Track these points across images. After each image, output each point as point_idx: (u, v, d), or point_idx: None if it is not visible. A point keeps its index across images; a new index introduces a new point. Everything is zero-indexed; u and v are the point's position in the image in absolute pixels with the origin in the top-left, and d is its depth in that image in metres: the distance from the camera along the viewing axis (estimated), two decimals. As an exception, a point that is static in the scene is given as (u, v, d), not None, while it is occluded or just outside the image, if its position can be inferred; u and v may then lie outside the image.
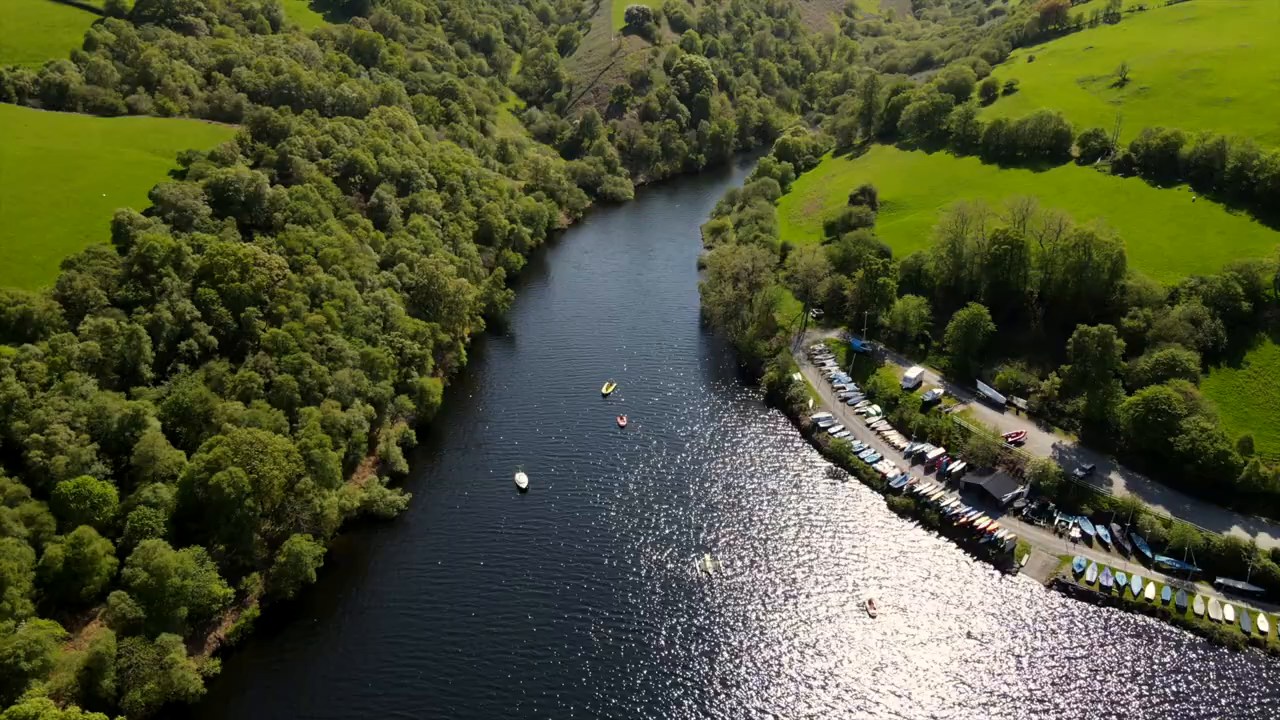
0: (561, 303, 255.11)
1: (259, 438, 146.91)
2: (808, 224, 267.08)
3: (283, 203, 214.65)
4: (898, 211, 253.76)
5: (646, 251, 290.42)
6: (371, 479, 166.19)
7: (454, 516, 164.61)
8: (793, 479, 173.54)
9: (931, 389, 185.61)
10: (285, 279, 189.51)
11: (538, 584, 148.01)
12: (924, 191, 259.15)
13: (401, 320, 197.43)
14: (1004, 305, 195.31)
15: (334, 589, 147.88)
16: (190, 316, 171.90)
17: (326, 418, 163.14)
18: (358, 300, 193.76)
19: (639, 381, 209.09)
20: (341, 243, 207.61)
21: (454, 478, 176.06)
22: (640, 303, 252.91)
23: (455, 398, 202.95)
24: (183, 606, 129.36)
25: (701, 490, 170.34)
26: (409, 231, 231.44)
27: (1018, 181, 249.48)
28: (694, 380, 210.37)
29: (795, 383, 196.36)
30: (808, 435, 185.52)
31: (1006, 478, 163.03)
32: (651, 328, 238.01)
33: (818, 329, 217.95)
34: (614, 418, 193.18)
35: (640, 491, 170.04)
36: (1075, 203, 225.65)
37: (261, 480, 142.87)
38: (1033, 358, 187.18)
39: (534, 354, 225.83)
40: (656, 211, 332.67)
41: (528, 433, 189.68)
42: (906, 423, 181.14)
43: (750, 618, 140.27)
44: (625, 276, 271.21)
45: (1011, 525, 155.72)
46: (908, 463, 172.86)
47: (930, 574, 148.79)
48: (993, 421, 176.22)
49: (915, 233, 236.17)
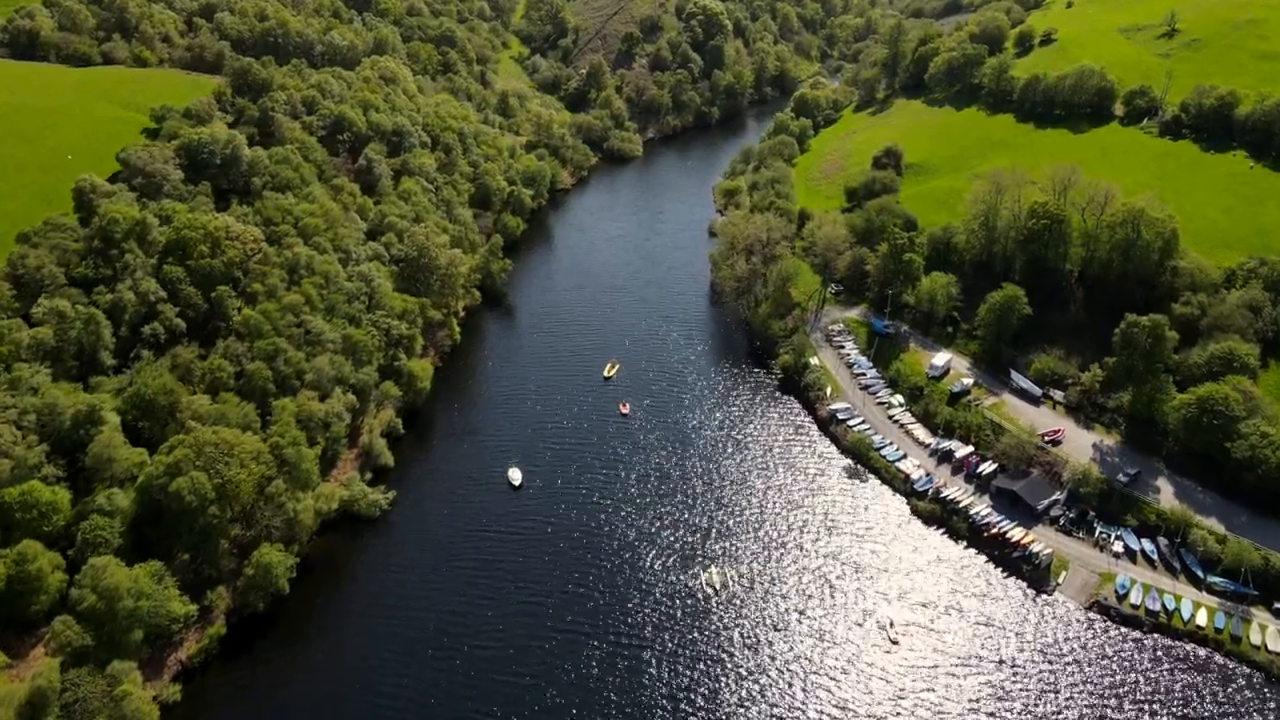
0: (563, 271, 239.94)
1: (225, 438, 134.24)
2: (827, 187, 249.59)
3: (262, 166, 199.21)
4: (924, 176, 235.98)
5: (655, 214, 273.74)
6: (353, 475, 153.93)
7: (441, 516, 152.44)
8: (808, 478, 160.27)
9: (960, 379, 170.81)
10: (261, 253, 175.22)
11: (529, 595, 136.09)
12: (953, 153, 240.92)
13: (388, 297, 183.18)
14: (1041, 285, 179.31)
15: (309, 599, 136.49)
16: (155, 297, 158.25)
17: (302, 411, 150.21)
18: (340, 276, 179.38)
19: (644, 361, 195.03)
20: (324, 212, 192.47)
21: (443, 471, 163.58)
22: (647, 272, 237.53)
23: (447, 379, 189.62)
24: (137, 630, 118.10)
25: (709, 489, 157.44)
26: (399, 197, 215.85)
27: (1055, 143, 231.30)
28: (703, 361, 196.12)
29: (812, 368, 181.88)
30: (825, 427, 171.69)
31: (1042, 482, 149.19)
32: (659, 300, 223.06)
33: (837, 306, 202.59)
34: (616, 404, 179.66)
35: (642, 490, 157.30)
36: (1119, 168, 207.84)
37: (227, 485, 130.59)
38: (1072, 344, 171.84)
39: (533, 329, 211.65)
40: (666, 169, 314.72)
41: (523, 419, 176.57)
42: (932, 416, 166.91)
43: (759, 640, 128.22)
44: (632, 242, 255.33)
45: (1047, 536, 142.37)
46: (933, 461, 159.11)
47: (957, 591, 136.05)
48: (1027, 416, 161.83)
49: (944, 200, 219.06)
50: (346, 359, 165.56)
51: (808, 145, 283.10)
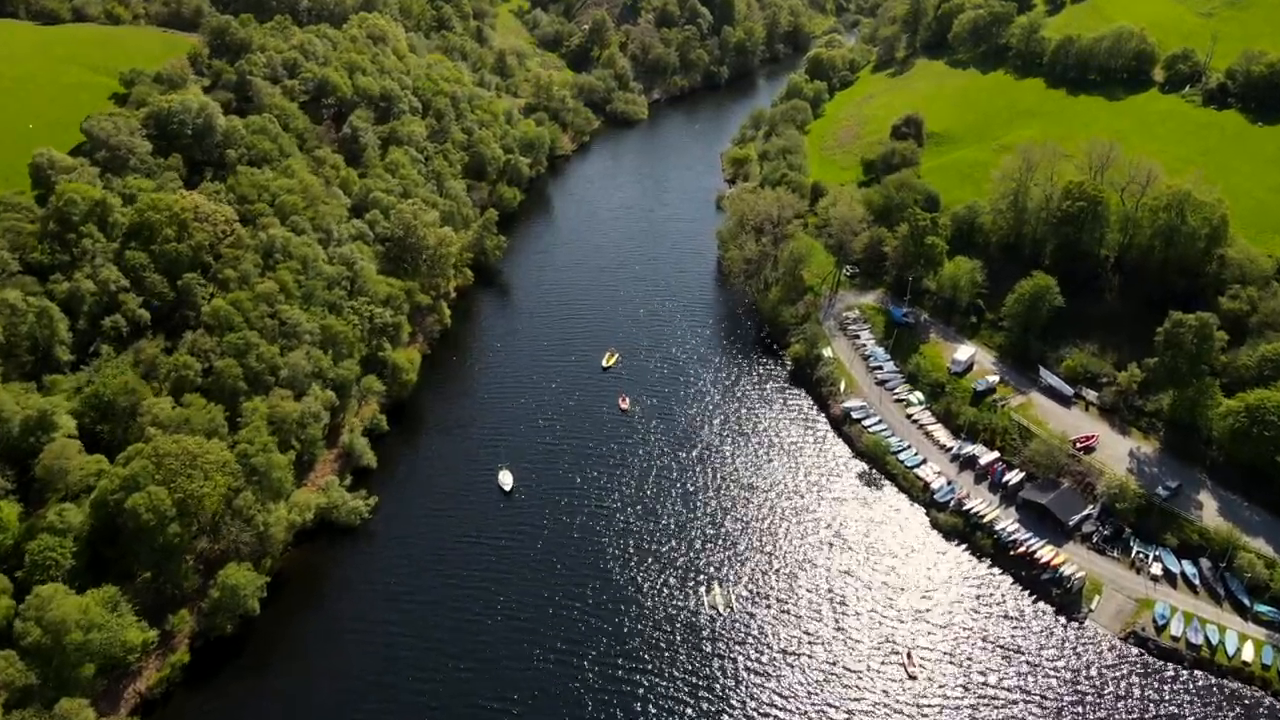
0: (562, 246, 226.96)
1: (187, 447, 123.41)
2: (843, 157, 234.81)
3: (238, 137, 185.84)
4: (947, 146, 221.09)
5: (660, 183, 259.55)
6: (331, 480, 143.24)
7: (426, 525, 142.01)
8: (819, 483, 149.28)
9: (985, 376, 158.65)
10: (234, 235, 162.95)
11: (519, 615, 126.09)
12: (978, 121, 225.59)
13: (372, 281, 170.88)
14: (1074, 272, 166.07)
15: (282, 619, 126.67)
16: (116, 286, 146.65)
17: (275, 412, 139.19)
18: (320, 260, 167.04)
19: (645, 349, 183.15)
20: (303, 188, 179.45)
21: (429, 473, 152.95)
22: (651, 247, 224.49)
23: (436, 368, 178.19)
24: (89, 664, 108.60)
25: (712, 495, 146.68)
26: (386, 169, 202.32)
27: (1089, 112, 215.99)
28: (708, 349, 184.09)
29: (825, 360, 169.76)
30: (838, 426, 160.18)
31: (1074, 495, 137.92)
32: (663, 279, 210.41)
33: (852, 291, 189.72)
34: (615, 398, 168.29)
35: (641, 496, 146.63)
36: (1158, 141, 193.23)
37: (189, 501, 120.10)
38: (1106, 338, 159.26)
39: (528, 311, 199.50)
40: (672, 133, 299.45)
41: (516, 413, 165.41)
42: (954, 416, 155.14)
43: (765, 669, 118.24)
44: (635, 214, 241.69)
45: (1079, 555, 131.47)
46: (955, 468, 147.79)
47: (980, 616, 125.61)
48: (1057, 419, 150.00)
49: (968, 174, 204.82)
50: (325, 352, 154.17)
51: (822, 110, 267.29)
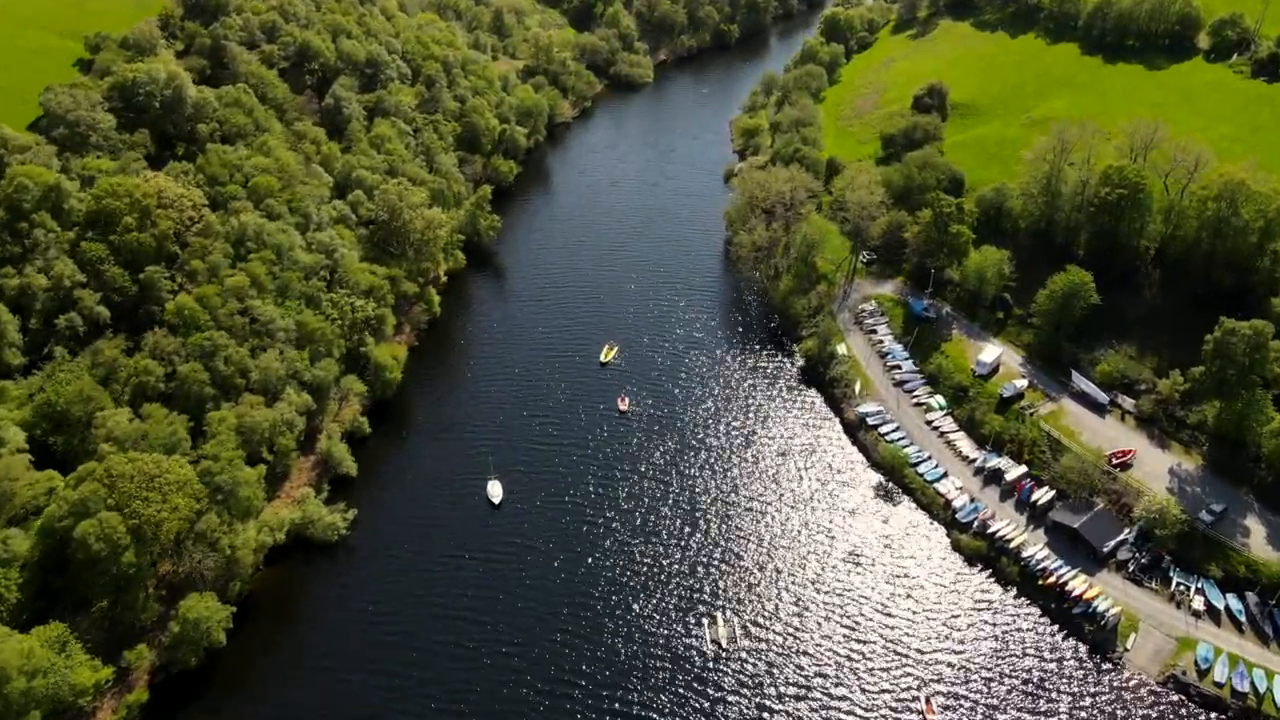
0: (561, 224, 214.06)
1: (144, 468, 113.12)
2: (860, 129, 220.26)
3: (209, 110, 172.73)
4: (972, 119, 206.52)
5: (665, 154, 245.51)
6: (306, 492, 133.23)
7: (409, 541, 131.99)
8: (831, 497, 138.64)
9: (1013, 380, 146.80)
10: (203, 222, 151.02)
11: (506, 645, 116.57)
12: (1006, 92, 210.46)
13: (353, 270, 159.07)
14: (1110, 265, 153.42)
15: (250, 649, 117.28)
16: (72, 281, 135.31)
17: (244, 422, 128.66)
18: (297, 248, 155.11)
19: (646, 341, 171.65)
20: (280, 167, 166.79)
21: (413, 482, 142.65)
22: (655, 225, 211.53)
23: (423, 362, 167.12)
24: (35, 710, 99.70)
25: (716, 510, 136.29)
26: (370, 144, 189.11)
27: (1127, 83, 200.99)
28: (713, 342, 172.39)
29: (840, 358, 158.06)
30: (852, 432, 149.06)
31: (1108, 518, 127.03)
32: (667, 260, 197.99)
33: (869, 280, 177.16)
34: (613, 397, 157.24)
35: (639, 510, 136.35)
36: (1203, 116, 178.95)
37: (145, 526, 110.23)
38: (1145, 340, 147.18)
39: (523, 296, 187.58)
40: (679, 98, 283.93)
41: (508, 413, 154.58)
42: (978, 424, 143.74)
43: (770, 713, 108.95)
44: (639, 188, 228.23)
45: (1113, 586, 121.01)
46: (978, 483, 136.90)
47: (1005, 652, 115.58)
48: (1090, 429, 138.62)
49: (994, 152, 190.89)
50: (301, 351, 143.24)
51: (838, 75, 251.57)
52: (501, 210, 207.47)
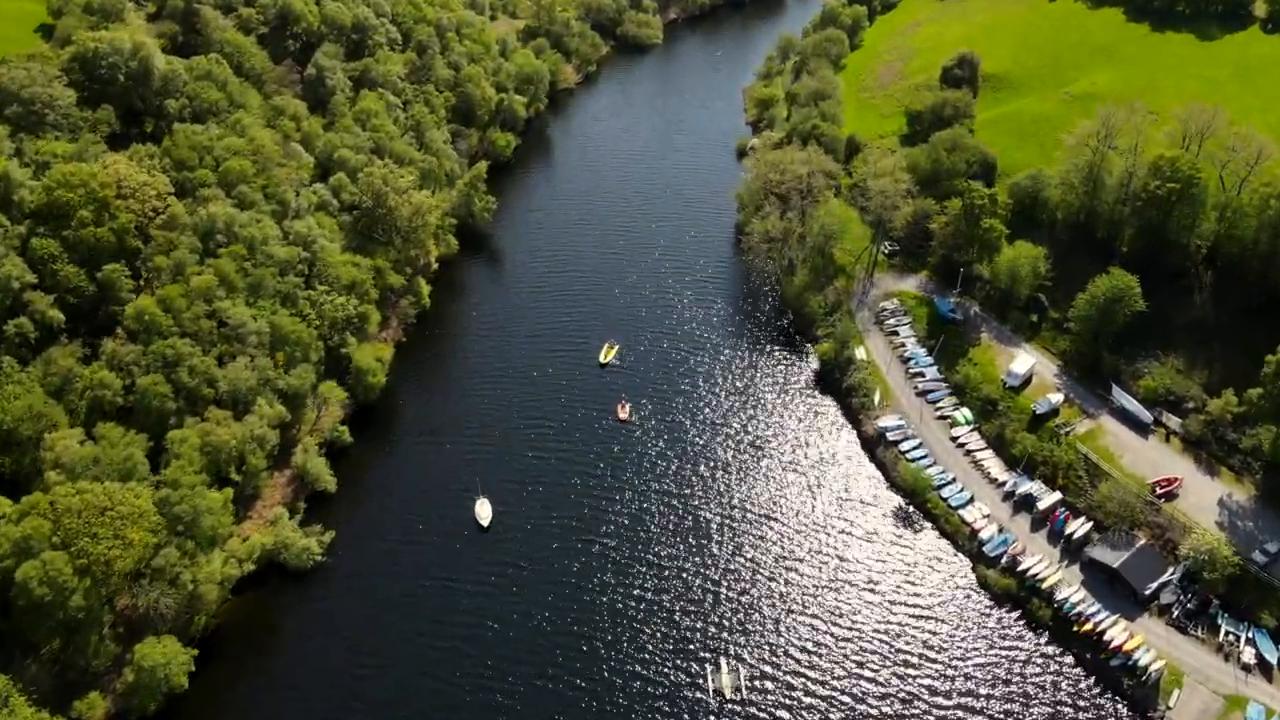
0: (561, 203, 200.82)
1: (92, 500, 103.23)
2: (884, 101, 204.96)
3: (179, 84, 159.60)
4: (1006, 93, 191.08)
5: (674, 124, 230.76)
6: (279, 513, 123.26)
7: (390, 569, 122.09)
8: (847, 521, 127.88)
9: (1047, 395, 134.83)
10: (167, 214, 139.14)
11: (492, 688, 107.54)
12: (1043, 63, 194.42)
13: (334, 265, 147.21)
14: (1156, 265, 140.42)
15: (216, 686, 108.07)
16: (22, 283, 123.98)
17: (209, 441, 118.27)
18: (272, 240, 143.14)
19: (648, 338, 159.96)
20: (255, 148, 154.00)
21: (396, 499, 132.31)
22: (662, 205, 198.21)
23: (410, 360, 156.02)
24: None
25: (723, 533, 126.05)
26: (355, 119, 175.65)
27: (1177, 53, 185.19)
28: (722, 339, 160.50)
29: (858, 363, 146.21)
30: (870, 448, 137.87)
31: (1151, 556, 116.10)
32: (673, 245, 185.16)
33: (891, 273, 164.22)
34: (612, 403, 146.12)
35: (640, 532, 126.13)
36: (1261, 96, 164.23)
37: (94, 567, 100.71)
38: (1194, 352, 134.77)
39: (519, 285, 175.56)
40: (690, 62, 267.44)
41: (498, 422, 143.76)
42: (1008, 443, 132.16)
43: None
44: (646, 163, 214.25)
45: (1155, 633, 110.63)
46: (1007, 509, 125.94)
47: (1034, 708, 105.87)
48: (1132, 452, 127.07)
49: (1029, 130, 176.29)
50: (275, 354, 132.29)
51: (860, 39, 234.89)
52: (498, 187, 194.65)
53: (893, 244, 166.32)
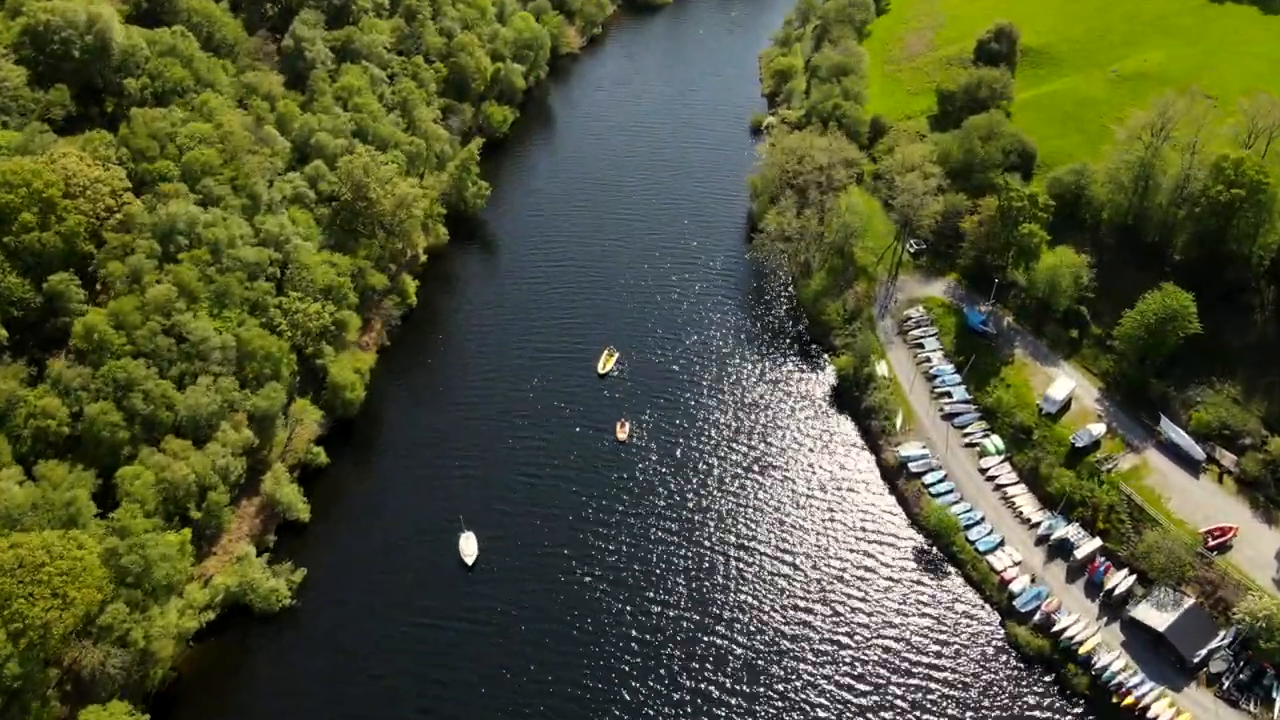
0: (561, 184, 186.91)
1: (26, 556, 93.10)
2: (912, 77, 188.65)
3: (139, 60, 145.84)
4: (1047, 69, 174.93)
5: (684, 94, 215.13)
6: (246, 552, 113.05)
7: (364, 612, 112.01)
8: (863, 565, 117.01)
9: (1087, 426, 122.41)
10: (123, 212, 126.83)
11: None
12: (1090, 36, 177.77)
13: (309, 265, 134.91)
14: (1213, 278, 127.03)
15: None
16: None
17: (165, 478, 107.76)
18: (239, 241, 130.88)
19: (651, 343, 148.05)
20: (223, 134, 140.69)
21: (373, 531, 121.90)
22: (669, 186, 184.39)
23: (395, 365, 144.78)
24: None
25: (727, 576, 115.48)
26: (336, 98, 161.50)
27: (1238, 28, 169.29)
28: (731, 345, 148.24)
29: (878, 381, 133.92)
30: (891, 478, 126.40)
31: (1200, 617, 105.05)
32: (681, 233, 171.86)
33: (916, 275, 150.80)
34: (611, 419, 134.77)
35: (640, 571, 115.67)
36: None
37: (30, 630, 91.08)
38: (1254, 380, 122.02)
39: (513, 280, 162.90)
40: (703, 23, 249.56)
41: (486, 440, 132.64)
42: (1044, 479, 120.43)
43: None
44: (653, 137, 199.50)
45: (1202, 705, 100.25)
46: (1041, 554, 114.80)
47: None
48: (1181, 493, 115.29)
49: (1073, 113, 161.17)
50: (242, 369, 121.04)
51: (886, 4, 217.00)
52: (494, 166, 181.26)
53: (919, 242, 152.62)
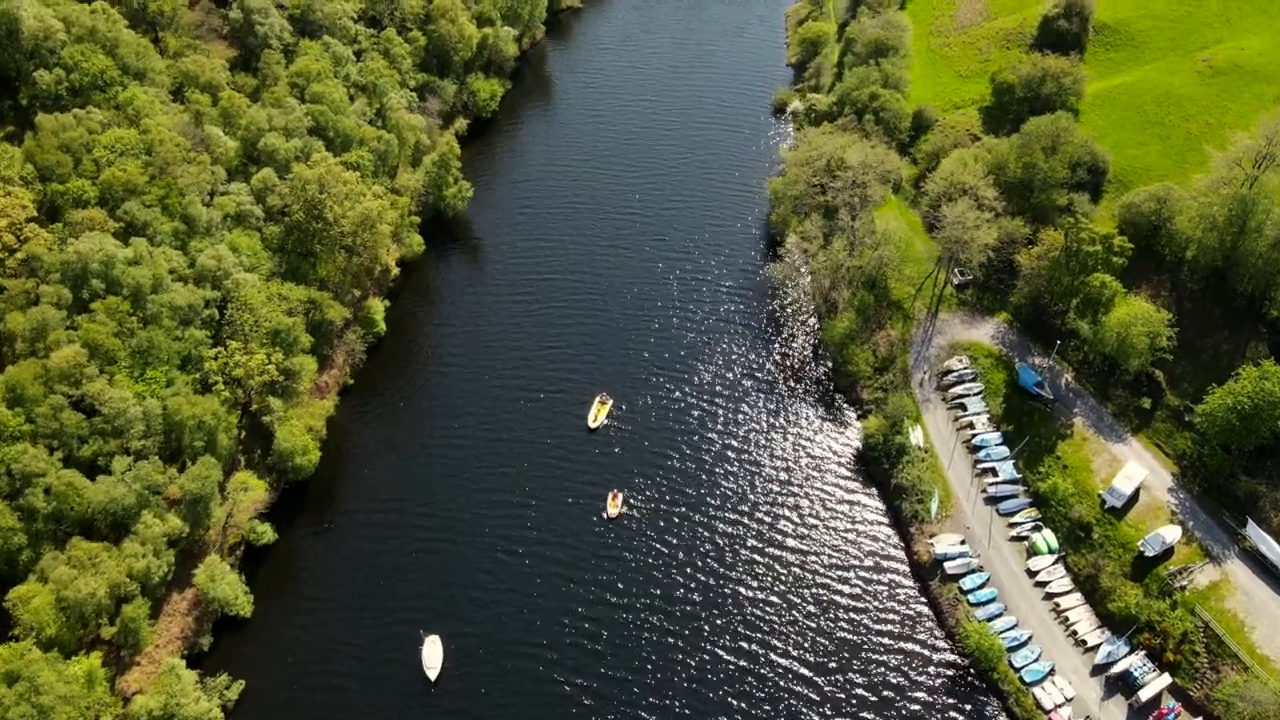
0: (554, 171, 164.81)
1: (-112, 723, 78.14)
2: (961, 54, 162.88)
3: (54, 47, 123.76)
4: (1124, 52, 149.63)
5: (701, 56, 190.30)
6: (172, 665, 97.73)
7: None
8: (888, 680, 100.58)
9: (1159, 531, 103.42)
10: (24, 249, 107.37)
11: None
12: (1175, 11, 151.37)
13: (253, 305, 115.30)
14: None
15: None
16: None
17: (67, 597, 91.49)
18: (168, 281, 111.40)
19: (653, 378, 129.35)
20: (150, 144, 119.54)
21: (326, 626, 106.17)
22: (678, 181, 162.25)
23: (356, 410, 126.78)
24: None
25: (727, 695, 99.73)
26: (291, 85, 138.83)
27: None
28: (742, 387, 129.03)
29: (912, 453, 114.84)
30: (924, 577, 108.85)
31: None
32: (690, 243, 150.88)
33: (960, 314, 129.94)
34: (600, 486, 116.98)
35: (624, 692, 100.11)
36: None
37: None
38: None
39: (496, 296, 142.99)
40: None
41: (459, 510, 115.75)
42: (1105, 591, 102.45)
43: None
44: (661, 116, 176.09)
45: None
46: (1098, 689, 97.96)
47: None
48: (1271, 620, 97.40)
49: (1152, 114, 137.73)
50: (169, 441, 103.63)
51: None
52: (480, 150, 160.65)
53: (965, 272, 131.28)
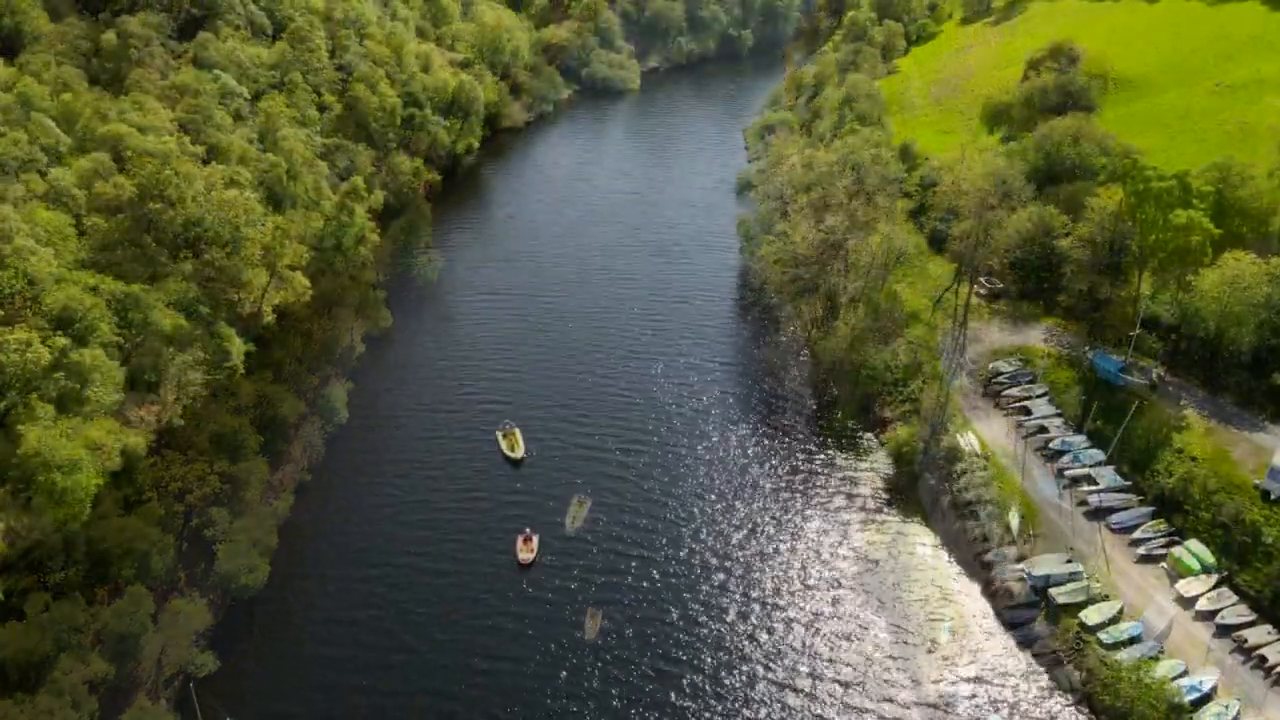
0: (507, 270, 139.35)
1: None
2: (940, 117, 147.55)
3: None
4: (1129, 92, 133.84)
5: (661, 164, 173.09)
6: None
7: None
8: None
9: (1368, 514, 68.59)
10: None
11: None
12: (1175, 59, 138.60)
13: (35, 274, 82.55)
14: None
15: None
16: None
17: None
18: None
19: (621, 461, 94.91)
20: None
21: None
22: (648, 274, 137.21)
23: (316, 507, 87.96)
24: None
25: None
26: (163, 98, 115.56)
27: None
28: (737, 482, 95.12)
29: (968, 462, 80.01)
30: (1014, 621, 69.90)
31: None
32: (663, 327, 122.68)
33: (995, 322, 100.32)
34: (582, 608, 79.08)
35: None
36: None
37: None
38: None
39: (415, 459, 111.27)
40: (674, 109, 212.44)
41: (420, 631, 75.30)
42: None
43: None
44: (619, 214, 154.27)
45: None
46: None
47: None
48: None
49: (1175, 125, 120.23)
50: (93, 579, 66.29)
51: (894, 65, 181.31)
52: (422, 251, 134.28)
53: (992, 281, 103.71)
